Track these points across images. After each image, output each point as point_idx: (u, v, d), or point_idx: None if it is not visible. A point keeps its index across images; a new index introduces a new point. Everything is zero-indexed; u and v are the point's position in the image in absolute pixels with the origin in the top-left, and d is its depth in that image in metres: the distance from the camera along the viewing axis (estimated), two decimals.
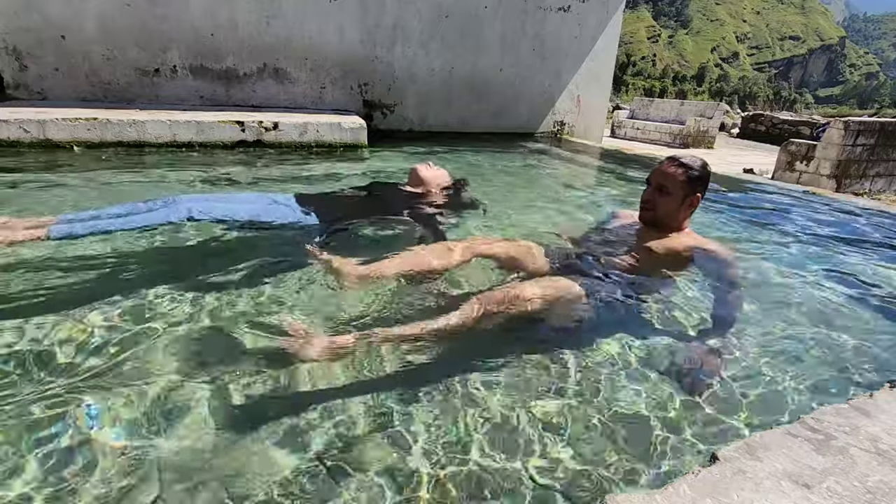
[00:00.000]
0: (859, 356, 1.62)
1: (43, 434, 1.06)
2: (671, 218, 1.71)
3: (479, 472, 1.05)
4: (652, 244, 1.71)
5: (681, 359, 1.50)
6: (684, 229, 1.75)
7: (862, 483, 0.90)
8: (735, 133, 15.45)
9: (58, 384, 1.21)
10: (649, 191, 1.73)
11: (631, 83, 73.06)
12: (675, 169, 1.68)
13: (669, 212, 1.70)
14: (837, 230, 3.13)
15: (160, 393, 1.21)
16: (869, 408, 1.14)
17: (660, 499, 0.85)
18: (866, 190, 6.69)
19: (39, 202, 2.55)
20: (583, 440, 1.16)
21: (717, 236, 2.83)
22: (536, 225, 2.74)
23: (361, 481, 1.01)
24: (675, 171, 1.68)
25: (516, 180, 4.24)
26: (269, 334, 1.48)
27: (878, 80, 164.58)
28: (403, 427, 1.17)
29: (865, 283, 2.27)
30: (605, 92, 7.40)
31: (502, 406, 1.27)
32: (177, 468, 1.01)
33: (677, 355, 1.52)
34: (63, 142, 3.64)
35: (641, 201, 1.77)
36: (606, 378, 1.43)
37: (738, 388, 1.41)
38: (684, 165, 1.68)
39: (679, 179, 1.67)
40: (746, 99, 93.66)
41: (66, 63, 4.48)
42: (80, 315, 1.51)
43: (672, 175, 1.67)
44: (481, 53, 6.28)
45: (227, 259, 1.98)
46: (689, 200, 1.69)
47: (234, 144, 4.15)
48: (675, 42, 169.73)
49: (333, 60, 5.52)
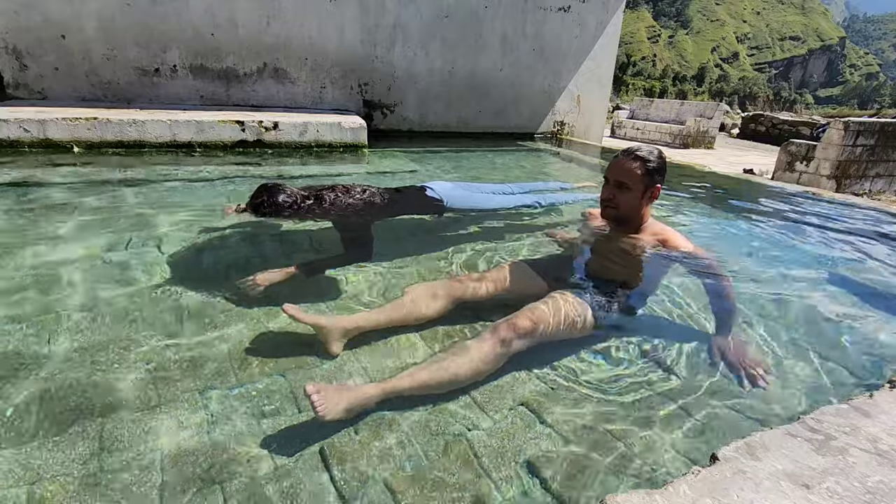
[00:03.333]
0: (859, 356, 1.62)
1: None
2: (634, 212, 1.70)
3: (479, 471, 1.05)
4: (621, 244, 1.72)
5: (723, 354, 1.53)
6: (647, 221, 1.74)
7: (862, 483, 0.90)
8: (735, 133, 15.45)
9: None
10: (609, 188, 1.71)
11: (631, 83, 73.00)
12: (632, 163, 1.65)
13: (631, 207, 1.69)
14: (837, 230, 3.13)
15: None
16: (869, 408, 1.14)
17: (660, 499, 0.85)
18: (866, 190, 6.69)
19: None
20: (583, 440, 1.16)
21: (714, 236, 2.83)
22: (534, 225, 2.75)
23: (360, 479, 1.01)
24: (632, 165, 1.65)
25: (516, 180, 4.23)
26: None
27: (879, 80, 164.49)
28: (402, 425, 1.17)
29: (865, 282, 2.27)
30: (605, 92, 7.40)
31: (502, 405, 1.27)
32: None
33: (711, 350, 1.55)
34: (63, 141, 3.63)
35: (602, 199, 1.75)
36: (606, 378, 1.43)
37: (737, 388, 1.41)
38: (640, 158, 1.65)
39: (637, 173, 1.64)
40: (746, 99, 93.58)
41: (66, 63, 4.48)
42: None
43: (630, 170, 1.65)
44: (481, 53, 6.28)
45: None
46: (649, 192, 1.68)
47: (234, 144, 4.15)
48: (675, 42, 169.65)
49: (333, 60, 5.52)
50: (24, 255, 1.91)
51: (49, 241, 2.05)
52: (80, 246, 2.03)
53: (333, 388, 1.15)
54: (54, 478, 0.96)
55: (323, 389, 1.11)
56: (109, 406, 1.16)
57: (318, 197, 1.90)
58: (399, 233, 2.45)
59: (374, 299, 1.80)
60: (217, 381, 1.28)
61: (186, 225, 2.37)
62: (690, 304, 1.91)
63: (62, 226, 2.24)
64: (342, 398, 1.13)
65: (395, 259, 2.13)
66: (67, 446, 1.04)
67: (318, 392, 1.10)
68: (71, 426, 1.09)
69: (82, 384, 1.22)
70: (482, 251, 2.30)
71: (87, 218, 2.38)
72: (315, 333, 1.44)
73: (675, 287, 1.99)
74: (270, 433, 1.12)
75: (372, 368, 1.39)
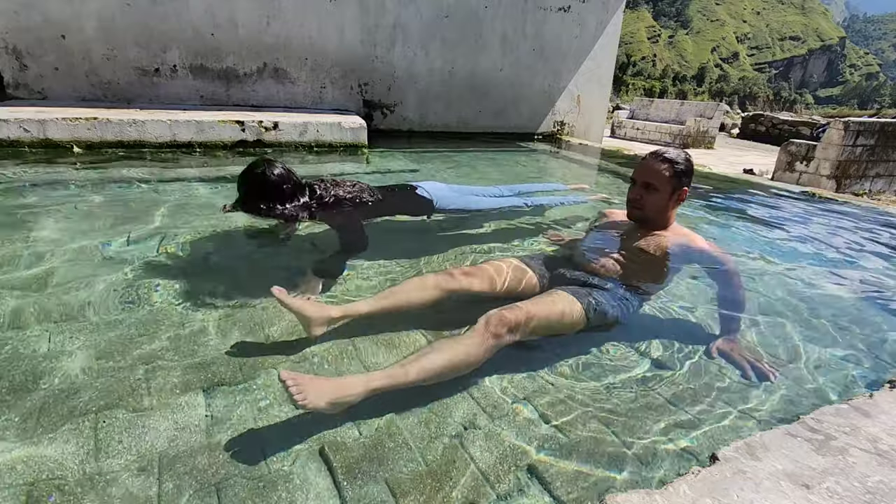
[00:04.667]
0: (859, 356, 1.62)
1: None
2: (660, 214, 1.70)
3: (479, 471, 1.05)
4: (643, 243, 1.70)
5: (728, 354, 1.54)
6: (672, 224, 1.74)
7: (862, 483, 0.90)
8: (735, 133, 15.45)
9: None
10: (636, 189, 1.71)
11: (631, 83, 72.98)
12: (661, 165, 1.65)
13: (658, 208, 1.69)
14: (836, 230, 3.13)
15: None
16: (869, 408, 1.14)
17: (660, 499, 0.85)
18: (866, 190, 6.69)
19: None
20: (583, 440, 1.16)
21: (713, 237, 2.83)
22: (535, 225, 2.75)
23: (360, 479, 1.01)
24: (660, 167, 1.65)
25: (516, 180, 4.23)
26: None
27: (879, 80, 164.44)
28: (400, 425, 1.17)
29: (864, 282, 2.27)
30: (605, 92, 7.40)
31: (501, 405, 1.27)
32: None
33: (720, 351, 1.56)
34: (63, 141, 3.63)
35: (629, 200, 1.75)
36: (606, 379, 1.43)
37: (737, 388, 1.41)
38: (669, 160, 1.65)
39: (666, 175, 1.64)
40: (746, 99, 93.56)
41: (66, 63, 4.48)
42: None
43: (658, 171, 1.65)
44: (481, 53, 6.28)
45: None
46: (676, 195, 1.68)
47: (234, 144, 4.15)
48: (675, 42, 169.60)
49: (333, 60, 5.52)
50: (24, 253, 1.91)
51: (49, 240, 2.05)
52: (80, 246, 2.03)
53: (310, 377, 1.11)
54: (49, 479, 0.96)
55: (299, 377, 1.07)
56: (106, 405, 1.16)
57: (310, 187, 1.91)
58: (397, 235, 2.45)
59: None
60: (215, 379, 1.28)
61: (186, 225, 2.37)
62: (693, 303, 1.91)
63: (62, 224, 2.24)
64: (324, 390, 1.09)
65: (393, 259, 2.13)
66: (65, 446, 1.04)
67: (294, 379, 1.05)
68: (67, 425, 1.09)
69: (78, 383, 1.22)
70: (481, 252, 2.30)
71: (86, 217, 2.38)
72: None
73: (678, 287, 1.99)
74: (269, 433, 1.12)
75: (371, 365, 1.39)
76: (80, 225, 2.28)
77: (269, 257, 2.17)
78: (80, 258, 1.93)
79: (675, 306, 1.88)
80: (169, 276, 1.83)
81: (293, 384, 1.05)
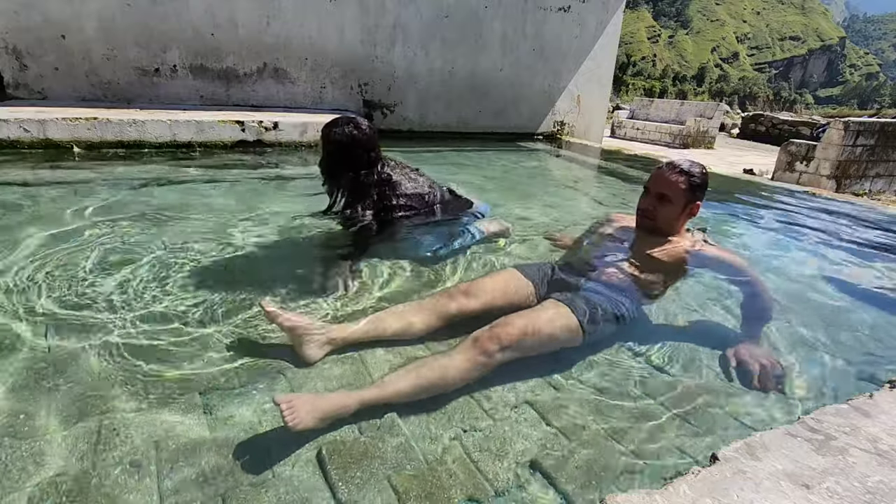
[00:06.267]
0: (859, 356, 1.62)
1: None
2: (671, 226, 1.67)
3: (479, 471, 1.05)
4: (653, 251, 1.66)
5: (756, 358, 1.48)
6: (681, 233, 1.72)
7: (862, 483, 0.90)
8: (735, 133, 15.45)
9: None
10: (649, 199, 1.66)
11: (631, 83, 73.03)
12: (677, 177, 1.61)
13: (669, 221, 1.65)
14: (836, 230, 3.13)
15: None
16: (869, 408, 1.14)
17: (660, 499, 0.85)
18: (866, 190, 6.69)
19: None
20: (583, 440, 1.16)
21: (713, 237, 2.83)
22: (535, 226, 2.75)
23: (359, 482, 1.01)
24: (677, 178, 1.61)
25: (516, 180, 4.24)
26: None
27: (879, 80, 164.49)
28: (401, 427, 1.17)
29: (864, 282, 2.27)
30: (605, 92, 7.40)
31: (502, 406, 1.27)
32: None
33: (739, 357, 1.51)
34: (63, 141, 3.63)
35: (639, 209, 1.70)
36: (606, 380, 1.43)
37: (737, 388, 1.41)
38: (686, 173, 1.62)
39: (681, 188, 1.61)
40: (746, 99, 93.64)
41: (66, 63, 4.48)
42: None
43: (674, 183, 1.61)
44: (481, 53, 6.28)
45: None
46: (689, 208, 1.65)
47: (234, 144, 4.15)
48: (675, 42, 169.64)
49: (333, 60, 5.52)
50: (22, 253, 1.91)
51: (48, 239, 2.05)
52: (79, 244, 2.03)
53: (304, 398, 1.11)
54: (50, 479, 0.96)
55: (294, 399, 1.08)
56: (107, 408, 1.16)
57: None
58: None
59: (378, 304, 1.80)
60: (216, 382, 1.28)
61: (185, 224, 2.37)
62: (693, 306, 1.91)
63: (62, 222, 2.24)
64: (315, 408, 1.10)
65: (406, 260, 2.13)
66: (64, 446, 1.04)
67: (289, 402, 1.07)
68: (67, 427, 1.09)
69: (79, 384, 1.22)
70: (481, 254, 2.30)
71: (85, 216, 2.38)
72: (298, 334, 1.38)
73: (678, 289, 1.98)
74: (270, 435, 1.12)
75: (374, 370, 1.39)
76: (79, 223, 2.28)
77: (274, 260, 2.16)
78: (79, 257, 1.93)
79: (676, 308, 1.88)
80: (169, 276, 1.83)
81: (287, 407, 1.06)
